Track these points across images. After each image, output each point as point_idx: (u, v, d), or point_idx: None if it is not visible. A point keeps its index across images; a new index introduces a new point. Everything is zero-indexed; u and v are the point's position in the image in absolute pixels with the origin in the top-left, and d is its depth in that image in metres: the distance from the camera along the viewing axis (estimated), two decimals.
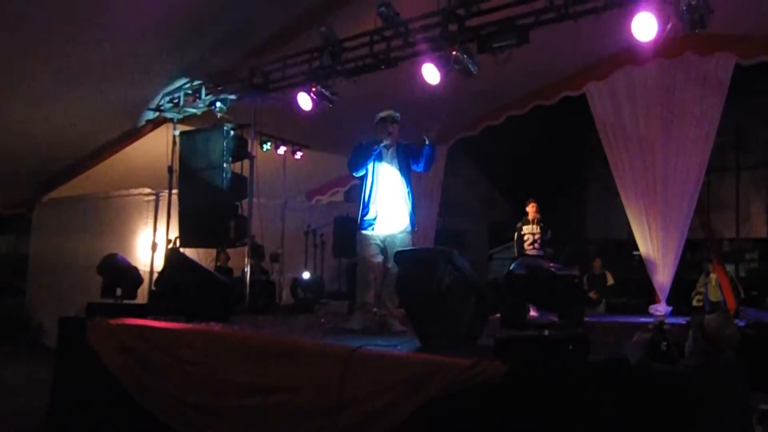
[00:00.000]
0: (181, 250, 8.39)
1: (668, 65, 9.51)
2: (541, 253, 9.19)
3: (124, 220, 10.53)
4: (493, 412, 3.46)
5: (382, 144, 5.97)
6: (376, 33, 7.25)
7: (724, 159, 13.93)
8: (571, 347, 3.49)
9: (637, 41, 6.10)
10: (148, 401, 5.38)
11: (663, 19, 5.80)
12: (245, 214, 8.43)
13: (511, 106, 11.27)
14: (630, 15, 5.90)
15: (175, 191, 8.98)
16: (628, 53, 9.35)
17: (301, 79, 8.03)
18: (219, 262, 9.89)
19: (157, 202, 10.04)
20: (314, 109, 8.07)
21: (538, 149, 13.82)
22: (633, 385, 3.51)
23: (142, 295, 7.90)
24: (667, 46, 8.56)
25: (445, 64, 6.89)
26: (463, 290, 4.44)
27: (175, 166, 8.93)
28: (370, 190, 6.02)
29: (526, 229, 9.36)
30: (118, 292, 7.22)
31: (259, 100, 8.45)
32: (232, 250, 9.71)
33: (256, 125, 8.79)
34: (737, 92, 9.72)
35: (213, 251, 9.73)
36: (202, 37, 8.15)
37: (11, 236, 14.29)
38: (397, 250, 5.43)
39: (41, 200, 12.06)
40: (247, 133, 8.74)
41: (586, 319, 7.32)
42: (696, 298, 10.82)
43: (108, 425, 5.68)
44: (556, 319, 6.70)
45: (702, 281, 10.99)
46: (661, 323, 4.21)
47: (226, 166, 8.41)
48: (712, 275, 10.89)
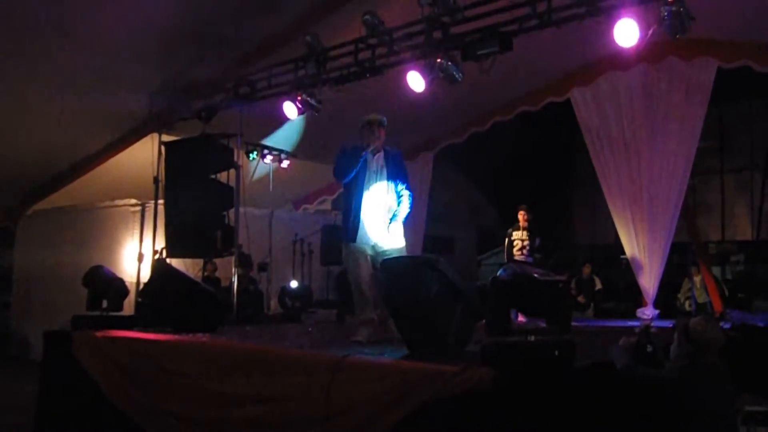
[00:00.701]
0: (168, 261, 8.35)
1: (651, 70, 9.58)
2: (530, 259, 9.21)
3: (110, 232, 10.46)
4: (481, 419, 3.46)
5: (369, 149, 5.80)
6: (360, 41, 7.26)
7: (709, 162, 14.05)
8: (557, 352, 3.49)
9: (621, 47, 6.14)
10: (136, 414, 5.34)
11: (645, 25, 5.85)
12: (232, 223, 8.40)
13: (497, 113, 11.31)
14: (612, 21, 5.94)
15: (161, 202, 8.94)
16: (612, 59, 9.43)
17: (286, 88, 8.03)
18: (206, 273, 9.83)
19: (143, 212, 9.97)
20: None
21: (525, 155, 13.89)
22: (619, 390, 3.53)
23: (129, 307, 7.86)
24: (650, 52, 8.66)
25: (429, 72, 6.91)
26: (450, 297, 4.45)
27: (161, 177, 8.88)
28: (357, 198, 5.82)
29: (516, 235, 9.40)
30: (104, 304, 7.18)
31: (245, 109, 8.44)
32: (219, 260, 9.67)
33: (243, 134, 8.77)
34: (720, 96, 9.80)
35: (200, 262, 9.68)
36: (187, 47, 8.13)
37: None
38: (384, 259, 5.41)
39: (25, 212, 11.96)
40: (233, 143, 8.72)
41: (574, 323, 7.36)
42: (687, 303, 10.83)
43: None
44: (544, 325, 6.73)
45: (687, 285, 11.03)
46: (648, 327, 4.23)
47: (212, 176, 8.39)
48: (696, 278, 10.93)
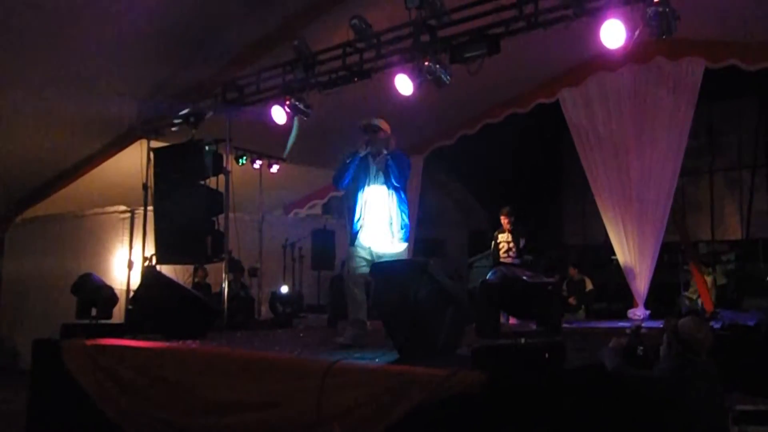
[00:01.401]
0: (158, 267, 8.32)
1: (640, 70, 9.62)
2: (518, 261, 9.20)
3: (100, 239, 10.41)
4: (472, 422, 3.46)
5: (358, 155, 5.78)
6: (348, 45, 7.26)
7: (698, 162, 14.09)
8: (547, 355, 3.49)
9: (609, 48, 6.16)
10: (127, 422, 5.31)
11: (631, 26, 5.87)
12: (222, 229, 8.38)
13: (487, 115, 11.33)
14: (599, 22, 5.96)
15: (150, 208, 8.90)
16: (600, 59, 9.46)
17: (275, 92, 8.02)
18: (197, 279, 9.81)
19: (132, 219, 9.95)
20: (289, 123, 8.07)
21: (515, 157, 13.90)
22: (609, 391, 3.53)
23: (119, 315, 7.81)
24: (637, 52, 8.71)
25: (418, 75, 6.92)
26: (440, 301, 4.44)
27: (150, 183, 8.84)
28: (355, 202, 5.85)
29: (501, 238, 9.38)
30: (94, 312, 7.13)
31: (234, 114, 8.42)
32: (209, 266, 9.64)
33: (232, 140, 8.75)
34: (708, 95, 9.85)
35: (190, 268, 9.65)
36: (176, 52, 8.11)
37: None
38: (374, 263, 5.41)
39: (14, 220, 11.89)
40: (222, 148, 8.69)
41: (565, 325, 7.37)
42: (700, 301, 10.76)
43: None
44: (534, 327, 6.74)
45: (694, 287, 10.99)
46: (638, 328, 4.24)
47: (202, 182, 8.36)
48: (707, 278, 10.90)
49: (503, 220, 9.32)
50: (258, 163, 10.86)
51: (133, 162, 9.19)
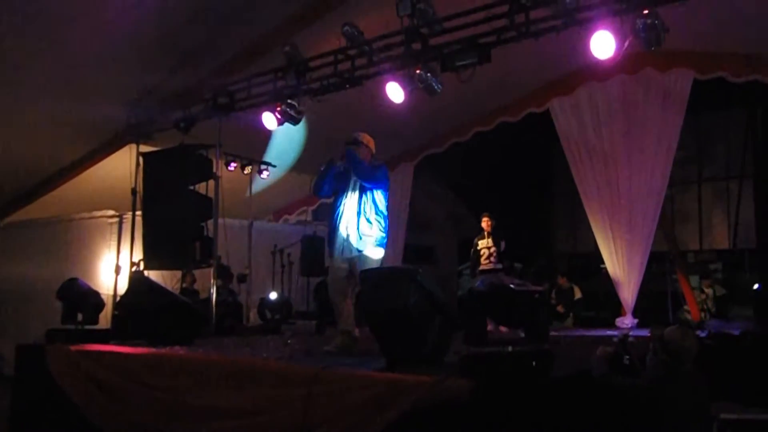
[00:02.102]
0: (146, 273, 8.27)
1: (629, 81, 9.69)
2: (499, 266, 9.21)
3: (87, 244, 10.32)
4: (459, 430, 3.45)
5: (333, 163, 6.02)
6: (340, 52, 7.26)
7: (686, 172, 14.18)
8: (534, 363, 3.49)
9: (599, 58, 6.20)
10: (112, 429, 5.27)
11: (620, 37, 5.91)
12: (211, 234, 8.35)
13: (477, 123, 11.36)
14: (589, 33, 6.00)
15: (139, 213, 8.85)
16: (591, 70, 9.52)
17: (266, 98, 8.01)
18: (185, 284, 9.75)
19: (120, 224, 9.86)
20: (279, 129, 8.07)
21: (505, 165, 13.94)
22: (596, 399, 3.53)
23: (105, 320, 7.75)
24: (627, 63, 8.78)
25: (409, 83, 6.92)
26: (429, 309, 4.44)
27: (139, 188, 8.80)
28: (334, 213, 6.04)
29: (482, 243, 9.40)
30: (80, 317, 7.08)
31: (224, 119, 8.41)
32: (198, 272, 9.59)
33: (221, 145, 8.72)
34: (697, 106, 9.93)
35: (178, 273, 9.60)
36: (166, 57, 8.08)
37: None
38: (363, 269, 5.42)
39: (0, 224, 11.79)
40: (212, 153, 8.67)
41: (553, 333, 7.38)
42: (703, 314, 10.73)
43: None
44: (523, 335, 6.75)
45: (700, 296, 10.97)
46: (625, 336, 4.24)
47: (191, 187, 8.33)
48: (707, 290, 10.89)
49: (485, 222, 9.34)
50: (248, 169, 10.83)
51: (122, 166, 9.14)
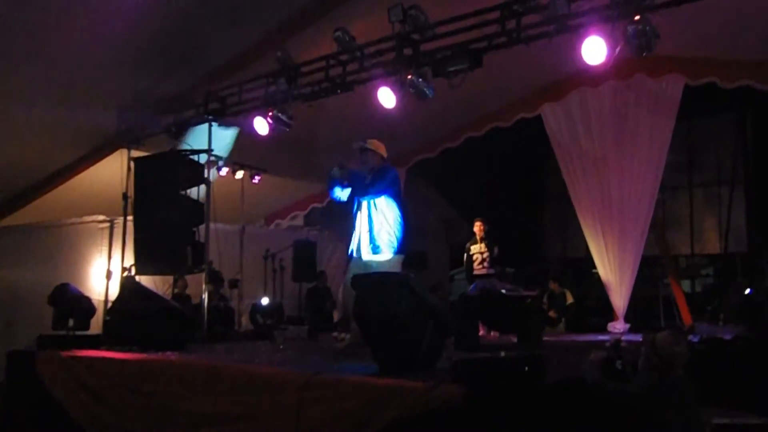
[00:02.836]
0: (137, 278, 8.23)
1: (621, 86, 9.72)
2: (492, 271, 9.21)
3: (78, 249, 10.26)
4: None
5: (332, 175, 6.28)
6: (332, 57, 7.27)
7: (678, 177, 14.24)
8: (527, 368, 3.49)
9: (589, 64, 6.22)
10: None
11: (612, 43, 5.93)
12: (202, 239, 8.32)
13: (469, 128, 11.38)
14: (581, 39, 6.02)
15: (130, 218, 8.82)
16: (582, 75, 9.55)
17: (257, 103, 8.00)
18: (176, 290, 9.70)
19: (111, 229, 9.81)
20: (271, 134, 8.05)
21: (497, 170, 13.98)
22: (588, 405, 3.53)
23: (96, 326, 7.71)
24: (618, 68, 8.79)
25: (400, 88, 6.93)
26: (421, 314, 4.43)
27: (130, 193, 8.77)
28: (352, 216, 6.28)
29: (474, 249, 9.41)
30: (71, 323, 7.04)
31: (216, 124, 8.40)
32: (189, 277, 9.53)
33: (213, 150, 8.69)
34: (688, 112, 9.97)
35: (170, 279, 9.56)
36: (157, 62, 8.06)
37: None
38: (355, 275, 5.42)
39: None
40: (203, 158, 8.64)
41: (545, 338, 7.39)
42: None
43: None
44: (515, 340, 6.74)
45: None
46: (618, 342, 4.25)
47: (183, 192, 8.30)
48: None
49: (478, 227, 9.35)
50: (240, 174, 10.81)
51: (113, 171, 9.11)
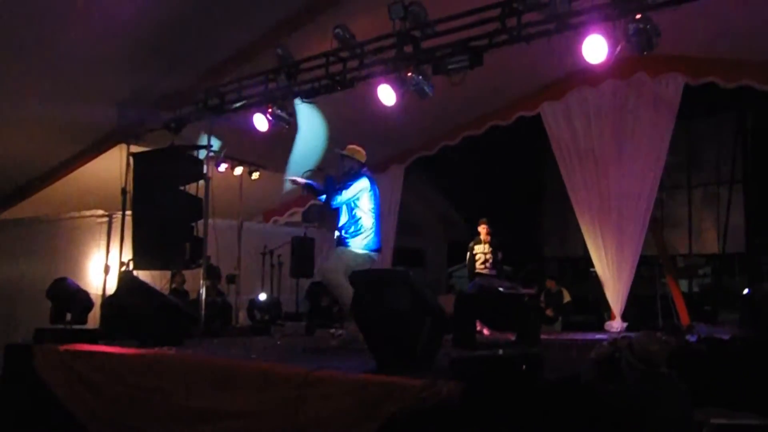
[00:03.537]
0: (135, 273, 8.23)
1: (621, 85, 9.72)
2: (494, 272, 9.23)
3: (76, 243, 10.27)
4: None
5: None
6: (332, 54, 7.26)
7: (676, 177, 14.25)
8: (524, 366, 3.50)
9: (590, 63, 6.22)
10: (99, 430, 5.24)
11: (613, 42, 5.93)
12: (200, 235, 8.32)
13: (468, 126, 11.39)
14: (581, 37, 6.01)
15: (128, 213, 8.82)
16: (582, 74, 9.56)
17: (257, 100, 8.00)
18: (174, 285, 9.71)
19: (110, 224, 9.82)
20: (271, 130, 8.05)
21: (495, 168, 13.99)
22: (583, 405, 3.54)
23: (94, 320, 7.70)
24: (619, 67, 8.80)
25: (400, 86, 6.93)
26: (419, 311, 4.43)
27: (129, 188, 8.77)
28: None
29: (478, 249, 9.42)
30: (68, 317, 7.03)
31: (215, 121, 8.39)
32: (187, 272, 9.56)
33: (212, 146, 8.69)
34: (687, 112, 9.97)
35: (168, 273, 9.56)
36: (157, 58, 8.04)
37: None
38: (353, 271, 5.44)
39: None
40: (202, 154, 8.65)
41: (543, 336, 7.39)
42: None
43: None
44: (513, 338, 6.75)
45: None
46: (622, 338, 4.25)
47: (181, 188, 8.30)
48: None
49: (483, 230, 9.36)
50: (239, 170, 10.81)
51: (112, 166, 9.11)
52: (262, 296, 10.46)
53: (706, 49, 8.79)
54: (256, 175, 11.11)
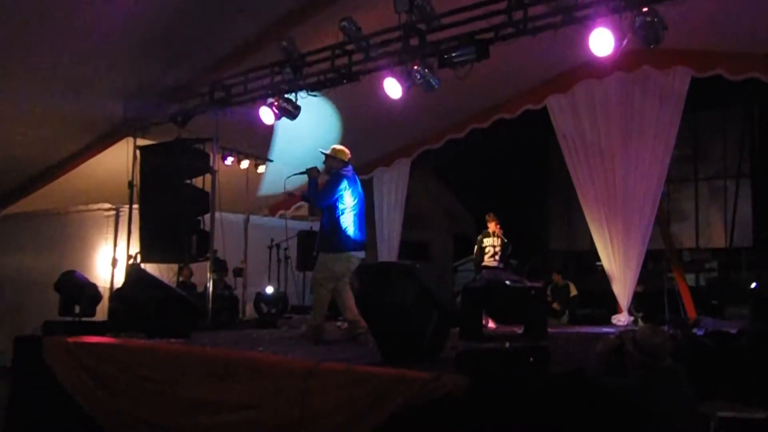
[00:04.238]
0: (142, 266, 8.27)
1: (627, 79, 9.66)
2: (502, 265, 9.23)
3: (84, 236, 10.32)
4: (455, 425, 3.46)
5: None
6: (337, 47, 7.25)
7: (683, 170, 14.22)
8: (531, 359, 3.50)
9: (597, 56, 6.20)
10: (108, 421, 5.28)
11: (619, 35, 5.91)
12: (207, 228, 8.34)
13: (474, 120, 11.34)
14: (588, 30, 5.99)
15: (135, 206, 8.85)
16: (589, 67, 9.50)
17: (262, 93, 8.00)
18: (181, 278, 9.74)
19: (117, 217, 9.87)
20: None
21: (501, 162, 13.97)
22: (589, 399, 3.55)
23: (102, 313, 7.75)
24: (625, 60, 8.76)
25: (406, 79, 6.92)
26: (426, 304, 4.43)
27: (136, 181, 8.80)
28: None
29: (487, 242, 9.40)
30: (77, 309, 7.08)
31: (221, 114, 8.40)
32: (194, 265, 9.59)
33: (218, 139, 8.71)
34: (694, 105, 9.92)
35: (175, 267, 9.59)
36: (162, 51, 8.04)
37: None
38: (360, 264, 5.47)
39: None
40: (208, 147, 8.67)
41: (549, 330, 7.39)
42: None
43: None
44: (520, 331, 6.76)
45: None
46: (630, 331, 4.25)
47: (188, 181, 8.33)
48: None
49: (494, 226, 9.34)
50: (245, 163, 10.81)
51: (119, 160, 9.12)
52: (269, 289, 10.48)
53: (713, 42, 8.73)
54: (262, 168, 11.11)
